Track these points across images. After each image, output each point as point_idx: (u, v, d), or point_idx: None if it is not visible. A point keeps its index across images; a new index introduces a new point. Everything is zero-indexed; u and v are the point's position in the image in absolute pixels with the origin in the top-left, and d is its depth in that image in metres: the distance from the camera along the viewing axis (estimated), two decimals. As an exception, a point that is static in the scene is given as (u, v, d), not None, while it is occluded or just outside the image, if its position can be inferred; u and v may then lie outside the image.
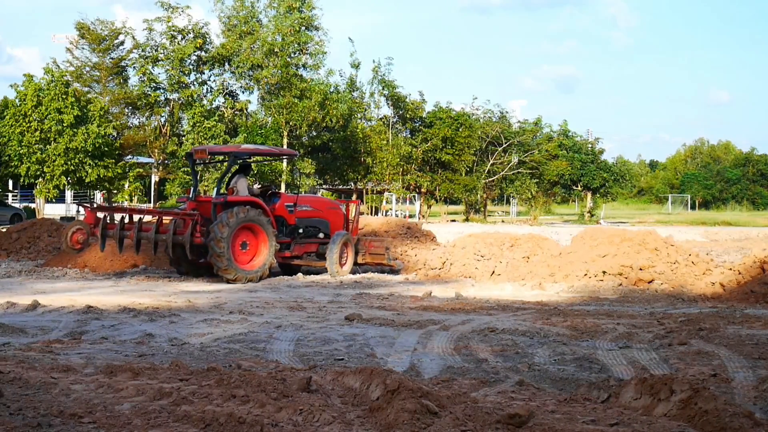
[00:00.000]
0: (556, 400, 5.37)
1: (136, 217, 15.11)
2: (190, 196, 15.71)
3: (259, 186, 21.66)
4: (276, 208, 15.53)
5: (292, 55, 41.20)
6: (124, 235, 14.50)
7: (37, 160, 34.75)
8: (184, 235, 14.23)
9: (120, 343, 8.06)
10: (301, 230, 15.90)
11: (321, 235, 16.16)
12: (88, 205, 15.63)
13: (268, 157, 24.40)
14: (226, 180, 16.05)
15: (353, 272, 15.90)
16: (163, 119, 40.16)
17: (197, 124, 37.52)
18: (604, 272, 13.32)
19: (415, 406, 4.57)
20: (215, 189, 15.81)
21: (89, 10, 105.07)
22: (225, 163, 17.36)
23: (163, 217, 15.14)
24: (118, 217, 14.93)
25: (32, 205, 42.72)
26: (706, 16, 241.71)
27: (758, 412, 5.28)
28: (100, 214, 14.81)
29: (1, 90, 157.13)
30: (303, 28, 41.06)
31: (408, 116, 48.96)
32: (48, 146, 34.86)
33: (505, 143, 53.18)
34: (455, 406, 4.79)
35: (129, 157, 40.80)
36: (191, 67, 39.81)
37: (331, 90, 43.06)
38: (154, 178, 44.09)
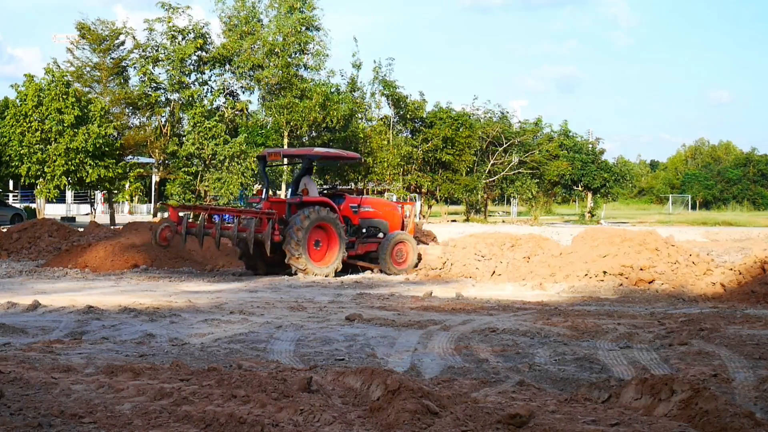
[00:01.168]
0: (556, 400, 5.37)
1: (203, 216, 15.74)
2: (263, 196, 16.43)
3: (327, 187, 22.43)
4: (342, 208, 16.26)
5: (293, 56, 41.19)
6: (206, 233, 15.19)
7: (38, 160, 34.75)
8: (264, 233, 14.84)
9: (120, 343, 8.06)
10: (364, 230, 16.67)
11: (381, 234, 16.78)
12: (171, 205, 16.64)
13: (334, 160, 25.06)
14: (296, 182, 16.64)
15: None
16: (163, 119, 40.14)
17: (198, 125, 37.50)
18: (604, 272, 13.32)
19: (415, 406, 4.57)
20: (290, 190, 16.55)
21: (90, 10, 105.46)
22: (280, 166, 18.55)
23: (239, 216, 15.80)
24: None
25: (33, 206, 42.74)
26: (707, 16, 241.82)
27: (759, 412, 5.28)
28: (182, 213, 15.69)
29: (2, 90, 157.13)
30: (304, 28, 41.05)
31: (408, 116, 48.93)
32: (48, 146, 34.86)
33: (506, 143, 53.16)
34: (456, 406, 4.79)
35: (129, 157, 40.77)
36: (192, 67, 39.78)
37: (332, 90, 43.05)
38: (155, 179, 44.08)
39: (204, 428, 4.48)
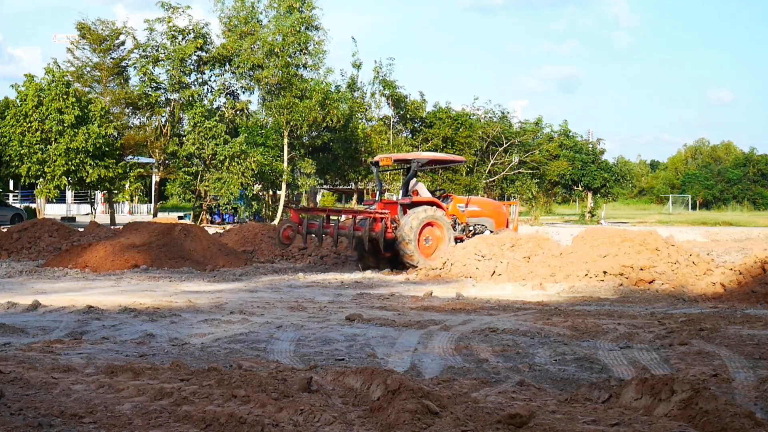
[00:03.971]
0: (556, 400, 5.37)
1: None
2: (376, 198, 17.99)
3: (435, 189, 23.94)
4: (449, 207, 17.64)
5: (293, 55, 41.19)
6: (325, 232, 16.68)
7: (38, 160, 34.76)
8: (378, 232, 16.25)
9: (121, 343, 8.06)
10: (471, 228, 17.87)
11: (487, 232, 17.86)
12: (294, 206, 18.15)
13: (440, 164, 26.37)
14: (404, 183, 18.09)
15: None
16: (163, 119, 40.15)
17: (198, 125, 37.52)
18: (604, 272, 13.31)
19: (415, 406, 4.57)
20: (401, 191, 17.97)
21: (90, 10, 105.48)
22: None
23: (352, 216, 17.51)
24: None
25: (33, 206, 42.74)
26: (708, 16, 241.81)
27: (759, 412, 5.28)
28: (303, 215, 17.04)
29: (2, 90, 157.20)
30: (303, 28, 41.04)
31: (408, 116, 48.93)
32: (49, 146, 34.88)
33: (506, 143, 53.14)
34: (456, 406, 4.79)
35: (130, 157, 40.80)
36: (192, 67, 39.80)
37: (332, 89, 43.03)
38: (155, 179, 44.08)
39: (204, 428, 4.48)
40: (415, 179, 17.93)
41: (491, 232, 17.84)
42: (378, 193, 18.47)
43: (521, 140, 54.65)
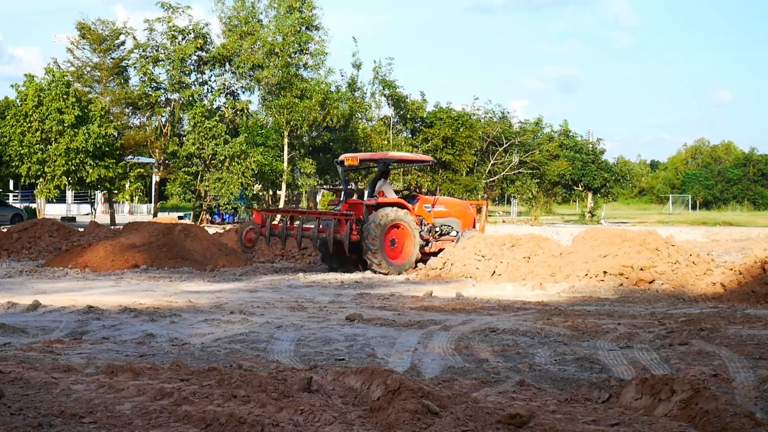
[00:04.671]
0: (557, 400, 5.37)
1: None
2: (341, 199, 17.40)
3: (401, 189, 23.17)
4: (416, 208, 17.21)
5: (293, 55, 41.20)
6: (289, 234, 16.32)
7: (38, 160, 34.76)
8: (343, 234, 15.72)
9: (121, 343, 8.06)
10: (438, 229, 17.47)
11: (454, 233, 17.57)
12: (257, 208, 17.65)
13: (408, 163, 26.06)
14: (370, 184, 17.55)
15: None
16: (163, 119, 40.16)
17: (198, 125, 37.52)
18: (605, 272, 13.31)
19: (415, 406, 4.57)
20: (367, 192, 17.38)
21: (90, 10, 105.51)
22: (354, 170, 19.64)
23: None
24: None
25: (33, 206, 42.73)
26: (708, 15, 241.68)
27: (759, 412, 5.28)
28: (266, 216, 16.53)
29: (2, 90, 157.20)
30: (303, 28, 41.06)
31: (408, 116, 48.93)
32: (49, 146, 34.88)
33: (506, 143, 53.14)
34: (456, 406, 4.79)
35: (130, 157, 40.79)
36: (192, 67, 39.81)
37: (332, 89, 43.04)
38: (155, 179, 44.07)
39: (204, 428, 4.48)
40: (382, 180, 17.34)
41: (457, 233, 17.48)
42: (343, 193, 17.67)
43: (521, 140, 54.64)
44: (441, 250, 17.06)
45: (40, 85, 35.22)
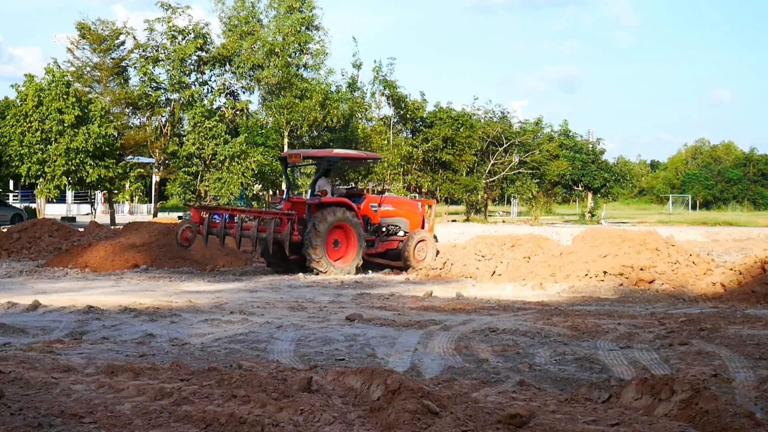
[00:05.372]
0: (557, 400, 5.36)
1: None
2: (284, 197, 16.58)
3: (346, 187, 22.66)
4: (361, 208, 16.55)
5: (293, 55, 41.21)
6: (227, 233, 15.50)
7: (38, 160, 34.77)
8: (284, 234, 15.09)
9: (121, 343, 8.06)
10: (384, 229, 16.95)
11: (402, 233, 17.12)
12: (193, 205, 16.82)
13: (355, 161, 25.36)
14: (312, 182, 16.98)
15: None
16: (163, 119, 40.17)
17: (198, 125, 37.55)
18: (605, 272, 13.32)
19: (415, 406, 4.57)
20: (309, 191, 16.80)
21: (90, 10, 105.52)
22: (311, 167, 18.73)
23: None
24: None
25: (33, 206, 42.75)
26: (709, 15, 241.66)
27: (759, 412, 5.28)
28: (204, 214, 15.75)
29: (2, 90, 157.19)
30: (303, 28, 41.08)
31: (409, 116, 48.94)
32: (49, 146, 34.89)
33: (506, 143, 53.14)
34: (456, 407, 4.79)
35: (130, 157, 40.80)
36: (192, 67, 39.83)
37: (332, 89, 43.07)
38: (155, 179, 44.09)
39: (204, 428, 4.48)
40: (324, 178, 16.66)
41: (405, 233, 17.02)
42: (285, 191, 16.89)
43: (521, 140, 54.63)
44: (388, 250, 16.76)
45: (40, 85, 35.24)
